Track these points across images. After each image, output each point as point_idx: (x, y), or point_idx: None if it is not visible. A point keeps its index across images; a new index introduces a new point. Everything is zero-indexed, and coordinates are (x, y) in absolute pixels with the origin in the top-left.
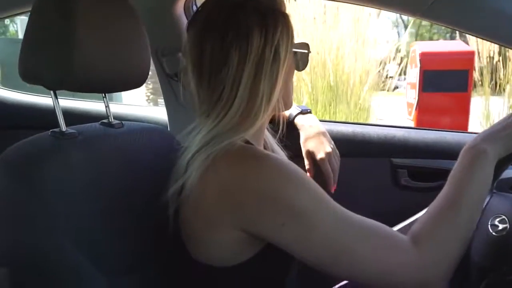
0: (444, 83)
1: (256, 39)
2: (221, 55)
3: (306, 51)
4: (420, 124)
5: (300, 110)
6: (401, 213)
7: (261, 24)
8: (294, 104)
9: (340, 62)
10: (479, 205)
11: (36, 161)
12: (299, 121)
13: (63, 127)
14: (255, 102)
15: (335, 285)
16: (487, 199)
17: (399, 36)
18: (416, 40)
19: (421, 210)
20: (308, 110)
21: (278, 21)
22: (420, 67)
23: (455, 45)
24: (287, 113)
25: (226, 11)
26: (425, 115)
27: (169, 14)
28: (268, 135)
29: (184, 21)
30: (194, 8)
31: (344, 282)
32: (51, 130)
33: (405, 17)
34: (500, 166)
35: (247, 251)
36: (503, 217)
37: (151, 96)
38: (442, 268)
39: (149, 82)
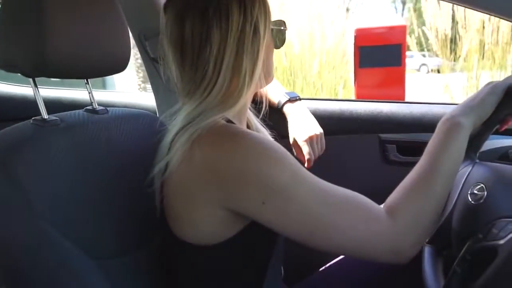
0: (379, 58)
1: (235, 15)
2: (202, 34)
3: (283, 28)
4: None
5: (289, 98)
6: (391, 188)
7: (240, 1)
8: (284, 91)
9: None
10: (453, 175)
11: (18, 150)
12: (287, 109)
13: (45, 114)
14: (239, 79)
15: (317, 270)
16: (469, 170)
17: (396, 12)
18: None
19: None
20: (297, 97)
21: None
22: (355, 43)
23: (389, 20)
24: (275, 100)
25: None
26: (363, 90)
27: None
28: (251, 115)
29: None
30: None
31: (327, 265)
32: (32, 118)
33: None
34: (479, 137)
35: (230, 229)
36: (482, 185)
37: (142, 85)
38: (414, 237)
39: (139, 71)
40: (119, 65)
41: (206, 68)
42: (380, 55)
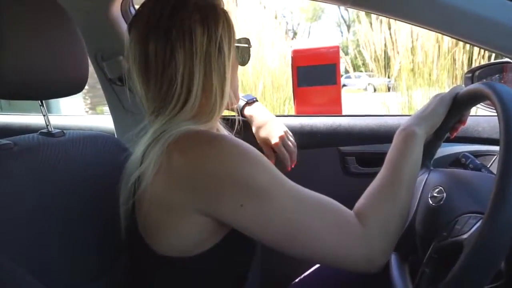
0: (316, 78)
1: (199, 36)
2: (166, 54)
3: (247, 45)
4: None
5: (246, 100)
6: (353, 199)
7: (203, 21)
8: (240, 94)
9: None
10: (413, 180)
11: None
12: (247, 112)
13: None
14: (210, 98)
15: (295, 279)
16: (426, 176)
17: (342, 35)
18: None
19: None
20: (254, 99)
21: (219, 17)
22: (293, 64)
23: (323, 41)
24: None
25: (168, 10)
26: (302, 108)
27: (105, 17)
28: (220, 127)
29: (123, 23)
30: (132, 9)
31: (304, 274)
32: None
33: (346, 16)
34: (432, 146)
35: (210, 239)
36: (440, 187)
37: (89, 111)
38: (385, 242)
39: (86, 97)
40: (77, 86)
41: (174, 87)
42: (316, 75)
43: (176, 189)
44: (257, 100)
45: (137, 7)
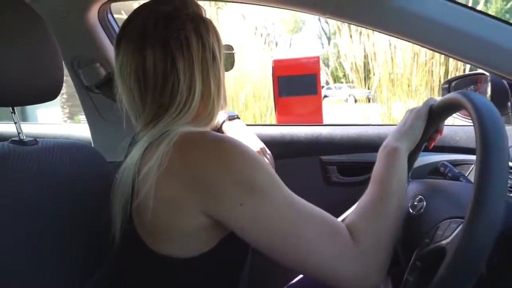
0: (296, 87)
1: (195, 44)
2: (167, 63)
3: (231, 51)
4: None
5: (227, 116)
6: (334, 209)
7: (196, 30)
8: (222, 111)
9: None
10: (401, 193)
11: None
12: (226, 127)
13: None
14: (208, 103)
15: (285, 285)
16: (405, 187)
17: (323, 47)
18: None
19: (352, 204)
20: (235, 116)
21: (209, 25)
22: (274, 74)
23: (304, 52)
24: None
25: (162, 21)
26: (284, 118)
27: (82, 23)
28: None
29: (100, 30)
30: (110, 16)
31: (294, 280)
32: None
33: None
34: (410, 157)
35: (210, 240)
36: (420, 196)
37: (68, 121)
38: (377, 259)
39: (65, 106)
40: (50, 93)
41: (177, 96)
42: (297, 85)
43: (180, 189)
44: (238, 117)
45: (116, 15)
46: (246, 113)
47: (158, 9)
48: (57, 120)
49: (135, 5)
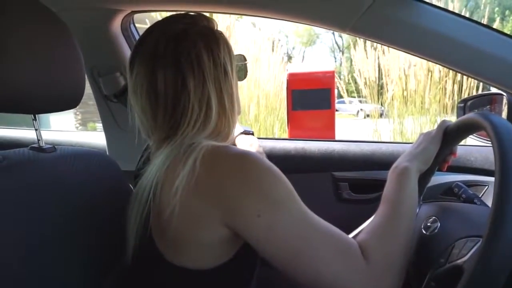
0: (310, 102)
1: (206, 61)
2: (178, 83)
3: (244, 62)
4: None
5: (243, 130)
6: (345, 226)
7: (207, 47)
8: (238, 125)
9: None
10: (413, 214)
11: None
12: (239, 141)
13: None
14: (225, 118)
15: None
16: (417, 209)
17: (336, 61)
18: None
19: (363, 222)
20: (251, 132)
21: (219, 40)
22: (288, 87)
23: (319, 66)
24: None
25: (173, 41)
26: (296, 131)
27: (105, 33)
28: None
29: (122, 40)
30: (133, 27)
31: None
32: None
33: (340, 42)
34: (422, 180)
35: (227, 252)
36: (434, 217)
37: (80, 127)
38: (390, 278)
39: (77, 113)
40: (72, 101)
41: (189, 114)
42: (311, 99)
43: (204, 204)
44: (253, 134)
45: (138, 25)
46: (258, 126)
47: (169, 28)
48: (69, 126)
49: (158, 15)
